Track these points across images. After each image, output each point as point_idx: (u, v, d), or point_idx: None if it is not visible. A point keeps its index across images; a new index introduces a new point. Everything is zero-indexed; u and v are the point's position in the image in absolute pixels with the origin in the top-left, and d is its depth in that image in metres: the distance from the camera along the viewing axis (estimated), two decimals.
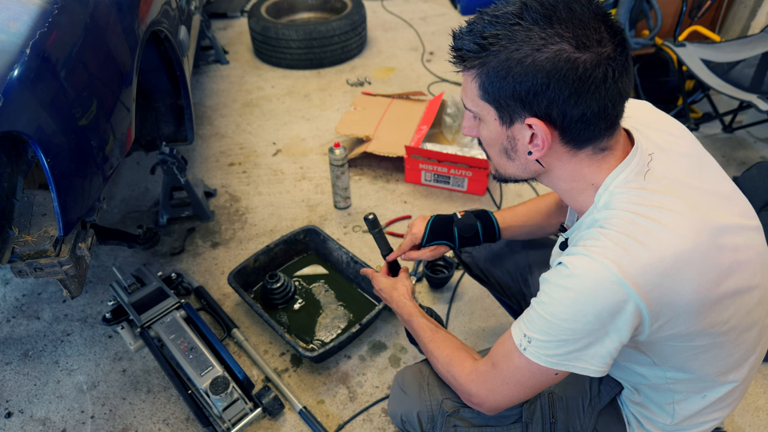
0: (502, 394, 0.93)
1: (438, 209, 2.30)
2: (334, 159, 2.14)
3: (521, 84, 0.77)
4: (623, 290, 0.75)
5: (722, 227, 0.82)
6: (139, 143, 1.96)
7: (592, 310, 0.77)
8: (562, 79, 0.75)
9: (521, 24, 0.75)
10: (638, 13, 2.42)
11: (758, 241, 0.89)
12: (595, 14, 0.76)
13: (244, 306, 1.92)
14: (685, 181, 0.85)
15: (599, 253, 0.77)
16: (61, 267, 1.15)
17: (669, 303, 0.78)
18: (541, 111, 0.79)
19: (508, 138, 0.86)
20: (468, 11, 4.04)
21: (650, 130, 0.91)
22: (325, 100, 3.11)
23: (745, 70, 2.36)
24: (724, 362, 0.90)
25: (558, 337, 0.81)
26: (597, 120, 0.79)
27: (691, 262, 0.77)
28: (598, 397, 1.06)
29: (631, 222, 0.78)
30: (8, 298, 1.96)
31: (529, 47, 0.75)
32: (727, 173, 0.95)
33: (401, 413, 1.15)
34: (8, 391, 1.67)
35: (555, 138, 0.82)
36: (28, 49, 0.99)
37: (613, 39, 0.76)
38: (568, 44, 0.74)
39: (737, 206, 0.90)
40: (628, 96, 0.81)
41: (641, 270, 0.75)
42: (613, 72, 0.75)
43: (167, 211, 2.20)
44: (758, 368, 1.04)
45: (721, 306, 0.82)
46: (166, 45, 1.74)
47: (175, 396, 1.65)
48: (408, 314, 1.20)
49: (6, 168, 1.13)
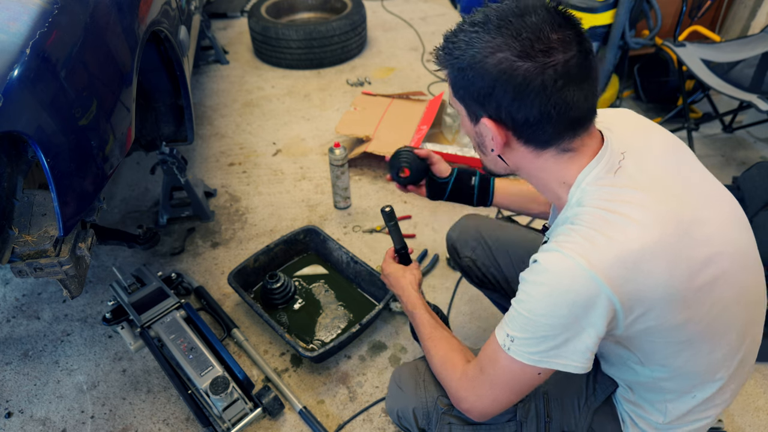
0: (490, 398, 0.94)
1: (438, 209, 2.31)
2: (334, 159, 2.14)
3: (474, 85, 0.84)
4: (594, 284, 0.78)
5: (693, 220, 0.83)
6: (139, 143, 1.96)
7: (565, 304, 0.80)
8: (505, 84, 0.80)
9: (479, 32, 0.82)
10: (638, 13, 2.42)
11: (736, 235, 0.90)
12: (551, 24, 0.79)
13: (244, 306, 1.92)
14: (658, 176, 0.87)
15: (569, 248, 0.80)
16: (61, 267, 1.15)
17: (641, 295, 0.80)
18: (492, 112, 0.85)
19: (477, 134, 0.92)
20: (468, 11, 4.03)
21: (626, 132, 0.93)
22: (325, 100, 3.11)
23: (745, 70, 2.36)
24: (707, 359, 0.91)
25: (537, 334, 0.83)
26: (542, 124, 0.83)
27: (659, 253, 0.79)
28: (594, 395, 1.07)
29: (600, 218, 0.81)
30: (8, 298, 1.96)
31: (481, 53, 0.81)
32: (727, 173, 0.95)
33: (397, 409, 1.17)
34: (8, 391, 1.67)
35: (511, 138, 0.88)
36: (28, 49, 0.99)
37: (567, 49, 0.79)
38: (511, 53, 0.79)
39: (718, 203, 0.90)
40: (581, 104, 0.82)
41: (610, 264, 0.78)
42: (554, 81, 0.78)
43: (167, 211, 2.20)
44: (752, 367, 1.03)
45: (696, 300, 0.83)
46: (166, 45, 1.74)
47: (175, 396, 1.65)
48: (412, 305, 1.22)
49: (6, 168, 1.13)
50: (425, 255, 2.09)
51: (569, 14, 0.82)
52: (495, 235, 1.46)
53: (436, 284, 1.99)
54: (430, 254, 2.10)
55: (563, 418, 1.08)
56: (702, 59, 2.38)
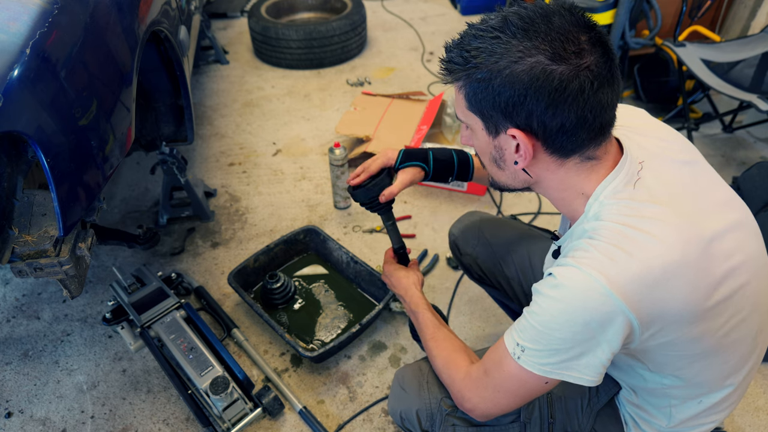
0: (493, 401, 0.93)
1: (438, 209, 2.31)
2: (334, 159, 2.14)
3: (501, 95, 0.79)
4: (611, 301, 0.76)
5: (714, 236, 0.82)
6: (139, 143, 1.96)
7: (581, 321, 0.78)
8: (539, 91, 0.76)
9: (501, 37, 0.77)
10: (638, 13, 2.42)
11: (752, 245, 0.89)
12: (577, 25, 0.77)
13: (244, 306, 1.92)
14: (676, 188, 0.85)
15: (587, 264, 0.77)
16: (61, 267, 1.15)
17: (659, 313, 0.78)
18: (521, 122, 0.80)
19: (496, 148, 0.88)
20: (468, 11, 4.03)
21: (642, 137, 0.91)
22: (325, 100, 3.11)
23: (745, 70, 2.36)
24: (720, 369, 0.90)
25: (549, 347, 0.82)
26: (578, 130, 0.80)
27: (680, 272, 0.77)
28: (597, 397, 1.07)
29: (620, 233, 0.79)
30: (8, 298, 1.96)
31: (507, 60, 0.77)
32: (727, 173, 0.96)
33: (400, 410, 1.16)
34: (8, 391, 1.67)
35: (538, 148, 0.83)
36: (28, 49, 0.99)
37: (594, 50, 0.77)
38: (544, 56, 0.75)
39: (733, 211, 0.89)
40: (612, 107, 0.81)
41: (629, 280, 0.76)
42: (591, 83, 0.76)
43: (167, 211, 2.20)
44: (757, 369, 1.04)
45: (714, 314, 0.82)
46: (166, 45, 1.74)
47: (175, 396, 1.65)
48: (415, 305, 1.20)
49: (6, 168, 1.13)
50: (425, 255, 2.09)
51: (588, 16, 0.80)
52: (497, 233, 1.46)
53: (436, 284, 1.99)
54: (430, 254, 2.10)
55: (566, 419, 1.08)
56: (702, 59, 2.38)
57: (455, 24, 3.94)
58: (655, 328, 0.80)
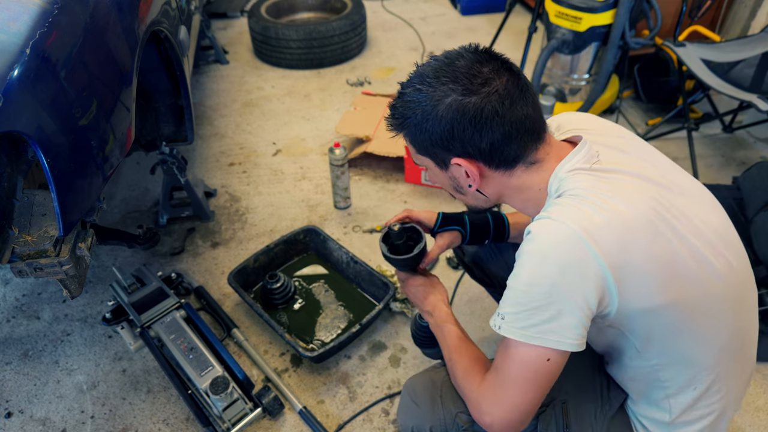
0: (506, 399, 0.91)
1: (438, 209, 2.30)
2: (334, 159, 2.14)
3: (435, 134, 0.91)
4: (583, 246, 0.81)
5: (674, 205, 0.88)
6: (139, 143, 1.96)
7: (556, 266, 0.82)
8: (461, 122, 0.88)
9: (421, 89, 0.91)
10: (638, 13, 2.41)
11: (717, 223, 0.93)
12: (478, 62, 0.89)
13: (244, 306, 1.92)
14: (635, 169, 0.91)
15: (559, 214, 0.84)
16: (61, 267, 1.15)
17: (628, 266, 0.82)
18: (459, 151, 0.92)
19: (451, 179, 0.99)
20: (468, 11, 4.04)
21: (596, 136, 0.98)
22: (325, 100, 3.11)
23: (745, 70, 2.36)
24: (701, 347, 0.93)
25: (529, 306, 0.85)
26: (508, 143, 0.90)
27: (643, 227, 0.83)
28: (609, 403, 1.07)
29: (586, 191, 0.86)
30: (8, 298, 1.96)
31: (430, 104, 0.90)
32: (727, 173, 0.97)
33: (413, 426, 1.14)
34: (8, 391, 1.67)
35: (483, 168, 0.94)
36: (28, 49, 0.99)
37: (500, 76, 0.89)
38: (457, 94, 0.88)
39: (695, 194, 0.94)
40: (533, 116, 0.90)
41: (598, 227, 0.82)
42: (502, 104, 0.87)
43: (167, 211, 2.20)
44: (752, 367, 1.04)
45: (682, 280, 0.86)
46: (166, 45, 1.74)
47: (175, 396, 1.65)
48: (442, 320, 1.16)
49: (6, 168, 1.13)
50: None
51: (490, 49, 0.93)
52: None
53: None
54: None
55: (581, 428, 1.07)
56: (702, 59, 2.38)
57: (455, 24, 3.94)
58: (628, 284, 0.83)
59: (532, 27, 2.69)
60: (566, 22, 2.46)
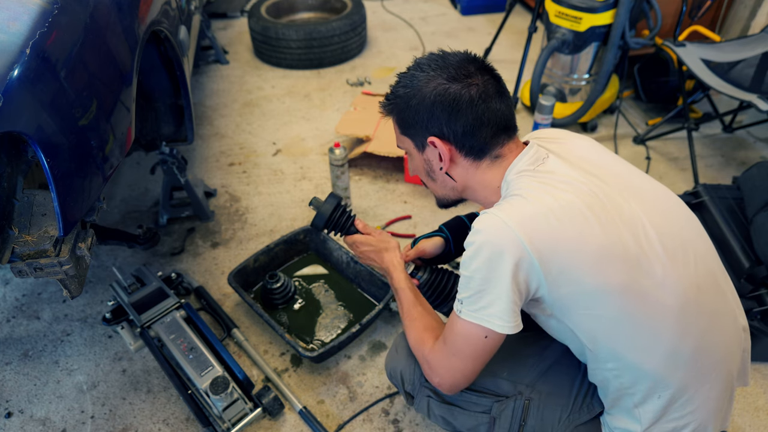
0: (451, 366, 1.04)
1: (438, 209, 2.30)
2: (334, 159, 2.14)
3: (418, 112, 1.04)
4: (509, 231, 0.90)
5: (613, 200, 0.95)
6: (139, 143, 1.96)
7: (487, 253, 0.92)
8: (442, 103, 1.01)
9: (415, 74, 1.05)
10: (638, 13, 2.41)
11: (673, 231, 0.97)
12: (467, 61, 1.03)
13: (244, 306, 1.92)
14: (578, 169, 0.99)
15: (497, 209, 0.95)
16: (61, 267, 1.15)
17: (553, 251, 0.90)
18: (436, 131, 1.04)
19: (426, 161, 1.10)
20: (468, 11, 4.03)
21: (551, 144, 1.07)
22: (325, 100, 3.11)
23: (745, 70, 2.36)
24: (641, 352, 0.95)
25: (474, 289, 0.95)
26: (478, 130, 1.01)
27: (570, 216, 0.92)
28: (578, 413, 1.11)
29: (526, 191, 0.96)
30: (8, 298, 1.96)
31: (418, 85, 1.03)
32: (727, 173, 0.97)
33: (390, 368, 1.30)
34: (8, 391, 1.67)
35: (454, 152, 1.05)
36: (28, 49, 0.99)
37: (482, 74, 1.02)
38: (443, 79, 1.01)
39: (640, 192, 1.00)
40: (505, 114, 1.03)
41: (524, 216, 0.91)
42: (479, 96, 1.00)
43: (167, 211, 2.20)
44: (730, 383, 1.03)
45: (609, 267, 0.91)
46: (166, 45, 1.74)
47: (175, 396, 1.65)
48: (398, 283, 1.25)
49: (6, 168, 1.13)
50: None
51: (478, 56, 1.05)
52: None
53: None
54: None
55: (539, 426, 1.12)
56: (702, 59, 2.38)
57: (455, 24, 3.94)
58: (555, 268, 0.91)
59: (532, 27, 2.69)
60: (566, 22, 2.46)
